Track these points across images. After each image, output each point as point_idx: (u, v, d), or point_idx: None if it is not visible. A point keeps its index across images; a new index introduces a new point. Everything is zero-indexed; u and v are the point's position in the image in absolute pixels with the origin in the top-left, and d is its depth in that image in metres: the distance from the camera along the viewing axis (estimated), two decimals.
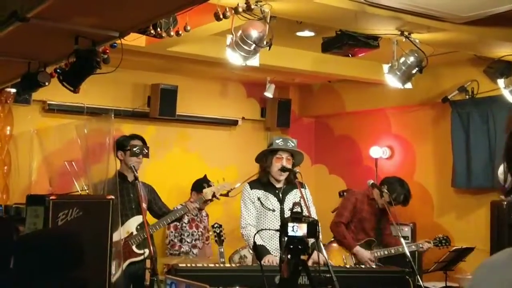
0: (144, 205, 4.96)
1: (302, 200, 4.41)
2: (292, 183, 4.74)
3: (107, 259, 3.59)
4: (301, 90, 8.30)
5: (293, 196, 4.68)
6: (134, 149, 4.90)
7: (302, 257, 3.20)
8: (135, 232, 4.86)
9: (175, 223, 6.02)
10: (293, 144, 4.74)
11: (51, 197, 3.41)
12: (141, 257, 4.86)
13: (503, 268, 1.24)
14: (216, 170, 7.31)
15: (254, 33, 3.91)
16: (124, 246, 4.65)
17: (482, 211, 6.14)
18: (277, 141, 4.73)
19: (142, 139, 5.04)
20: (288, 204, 4.59)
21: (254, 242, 3.83)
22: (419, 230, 6.59)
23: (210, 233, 6.15)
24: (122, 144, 4.93)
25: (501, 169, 5.73)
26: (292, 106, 8.10)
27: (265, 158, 4.74)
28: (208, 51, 5.58)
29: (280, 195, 4.71)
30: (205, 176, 6.45)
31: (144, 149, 4.96)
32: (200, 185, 6.25)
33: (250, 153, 7.64)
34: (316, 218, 4.75)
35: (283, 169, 4.65)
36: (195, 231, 6.25)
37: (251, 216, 4.68)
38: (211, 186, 5.73)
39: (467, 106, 6.27)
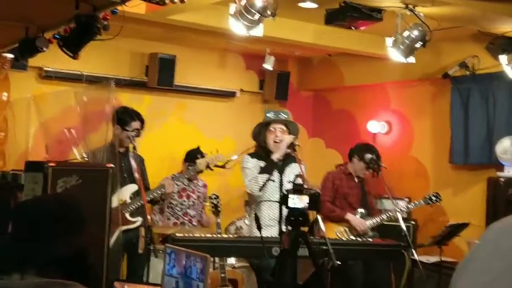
0: (137, 175, 4.92)
1: (301, 173, 4.40)
2: (290, 156, 4.72)
3: (105, 227, 3.58)
4: (300, 63, 8.24)
5: (291, 169, 4.66)
6: (133, 134, 4.86)
7: (302, 228, 3.21)
8: (128, 201, 4.85)
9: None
10: (285, 116, 4.72)
11: (50, 164, 3.38)
12: (135, 225, 4.86)
13: (510, 233, 1.24)
14: (213, 142, 7.28)
15: (258, 2, 3.85)
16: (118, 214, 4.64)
17: (478, 187, 6.16)
18: (268, 115, 4.76)
19: (142, 121, 4.98)
20: (286, 176, 4.57)
21: (255, 214, 3.82)
22: None
23: (207, 203, 6.14)
24: (122, 120, 4.86)
25: (501, 148, 5.72)
26: (291, 79, 8.03)
27: (259, 133, 4.74)
28: (209, 20, 5.50)
29: (279, 166, 4.70)
30: (198, 147, 6.42)
31: (141, 131, 4.93)
32: (192, 156, 6.22)
33: (248, 125, 7.60)
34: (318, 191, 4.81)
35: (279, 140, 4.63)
36: (185, 201, 6.21)
37: (255, 173, 4.60)
38: (204, 157, 5.72)
39: (467, 82, 6.24)
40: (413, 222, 6.26)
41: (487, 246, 1.26)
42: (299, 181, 3.18)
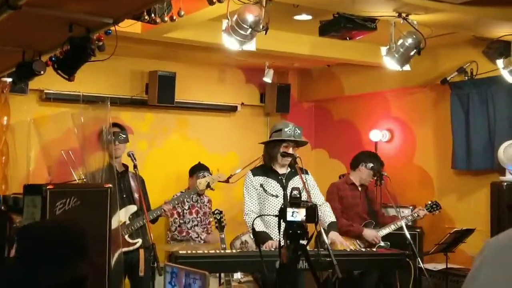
0: (136, 195, 4.92)
1: (303, 185, 4.41)
2: (294, 168, 4.75)
3: (105, 249, 3.58)
4: (300, 75, 8.26)
5: (295, 182, 4.68)
6: (120, 139, 4.84)
7: (301, 241, 3.19)
8: (127, 222, 4.84)
9: (177, 209, 6.04)
10: (299, 132, 4.75)
11: (48, 187, 3.38)
12: (135, 247, 4.84)
13: (506, 251, 1.22)
14: (216, 156, 7.31)
15: (250, 17, 3.87)
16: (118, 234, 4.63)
17: (482, 193, 6.12)
18: (286, 130, 4.72)
19: (119, 126, 4.98)
20: (289, 191, 4.57)
21: (253, 228, 3.83)
22: None
23: (211, 219, 6.15)
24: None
25: (501, 150, 5.70)
26: (291, 91, 8.05)
27: (272, 145, 4.75)
28: (204, 37, 5.53)
29: (283, 181, 4.73)
30: (199, 162, 6.44)
31: (121, 134, 4.90)
32: (194, 171, 6.27)
33: (250, 138, 7.61)
34: (322, 201, 4.83)
35: (283, 154, 4.66)
36: (194, 217, 6.25)
37: (253, 203, 4.71)
38: (206, 172, 5.75)
39: (466, 87, 6.23)
40: (418, 230, 6.23)
41: (483, 266, 1.24)
42: (296, 193, 3.16)
